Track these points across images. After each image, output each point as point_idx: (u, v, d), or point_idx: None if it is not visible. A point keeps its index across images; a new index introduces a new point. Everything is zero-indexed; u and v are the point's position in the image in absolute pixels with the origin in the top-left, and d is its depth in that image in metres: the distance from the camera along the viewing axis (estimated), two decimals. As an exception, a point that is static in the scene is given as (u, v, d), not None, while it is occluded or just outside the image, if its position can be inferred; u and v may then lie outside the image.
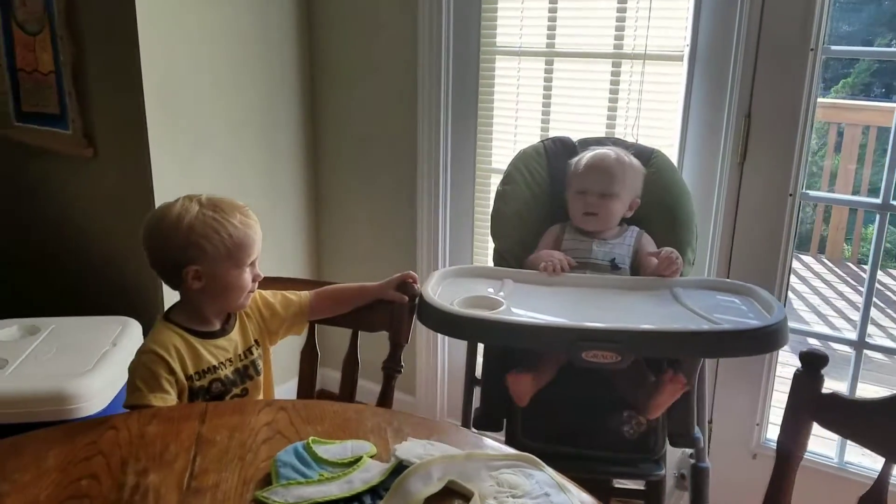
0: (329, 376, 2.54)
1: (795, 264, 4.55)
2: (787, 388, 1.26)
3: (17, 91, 2.59)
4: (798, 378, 1.24)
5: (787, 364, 3.48)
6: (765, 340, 1.42)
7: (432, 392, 2.76)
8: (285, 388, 2.08)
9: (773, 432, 2.22)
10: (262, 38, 2.55)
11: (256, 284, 1.47)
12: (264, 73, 2.58)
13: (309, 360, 1.66)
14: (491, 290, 1.65)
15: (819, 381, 1.22)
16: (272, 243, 2.71)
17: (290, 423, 1.24)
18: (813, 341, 3.25)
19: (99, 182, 2.46)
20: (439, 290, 1.62)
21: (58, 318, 2.29)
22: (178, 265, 1.39)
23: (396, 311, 1.56)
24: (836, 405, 1.21)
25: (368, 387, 1.76)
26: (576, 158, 1.86)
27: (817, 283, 4.44)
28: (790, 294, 4.08)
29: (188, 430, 1.21)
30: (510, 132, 2.44)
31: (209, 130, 2.43)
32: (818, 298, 4.22)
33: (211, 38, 2.39)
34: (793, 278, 4.35)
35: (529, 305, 1.56)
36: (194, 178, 2.40)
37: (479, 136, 2.48)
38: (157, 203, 2.30)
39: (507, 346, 1.62)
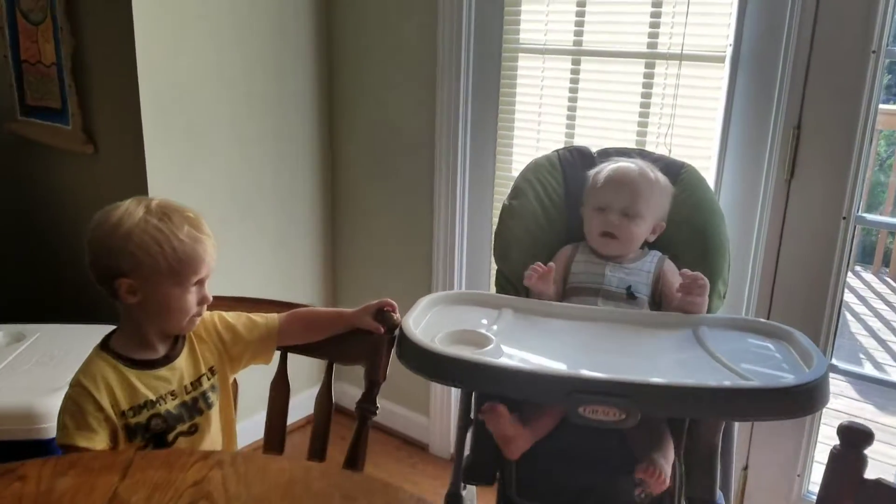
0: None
1: (855, 283, 4.21)
2: (835, 431, 1.02)
3: (22, 84, 2.49)
4: (836, 458, 1.01)
5: (840, 395, 3.20)
6: (797, 402, 1.18)
7: (447, 413, 2.57)
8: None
9: (817, 483, 1.97)
10: (275, 33, 2.39)
11: (204, 308, 1.31)
12: (277, 70, 2.42)
13: (280, 393, 1.48)
14: (485, 321, 1.44)
15: (861, 463, 0.99)
16: (283, 248, 2.58)
17: (221, 482, 1.06)
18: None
19: (99, 181, 2.34)
20: (425, 321, 1.41)
21: (46, 326, 2.18)
22: (111, 275, 1.23)
23: (374, 343, 1.37)
24: (880, 496, 0.98)
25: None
26: (595, 170, 1.64)
27: (878, 304, 4.09)
28: (846, 316, 3.78)
29: (104, 487, 1.04)
30: (532, 138, 2.23)
31: (212, 130, 2.28)
32: (878, 322, 3.88)
33: (217, 30, 2.23)
34: (851, 298, 4.02)
35: (525, 343, 1.35)
36: (194, 180, 2.26)
37: (499, 140, 2.27)
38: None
39: (491, 392, 1.41)
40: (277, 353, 1.44)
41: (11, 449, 1.74)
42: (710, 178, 1.89)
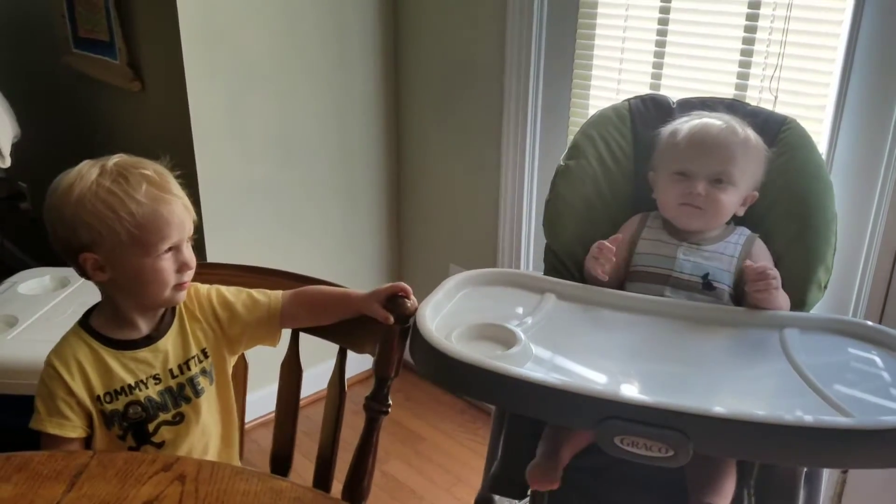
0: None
1: None
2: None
3: (74, 14, 2.38)
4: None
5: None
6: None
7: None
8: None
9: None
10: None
11: (187, 275, 1.13)
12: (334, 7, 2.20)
13: (291, 377, 1.31)
14: (521, 309, 1.22)
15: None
16: (343, 194, 2.40)
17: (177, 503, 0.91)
18: None
19: (146, 120, 2.23)
20: (448, 308, 1.20)
21: (91, 270, 2.11)
22: (73, 250, 1.08)
23: (385, 333, 1.17)
24: None
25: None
26: (669, 126, 1.35)
27: None
28: None
29: (45, 500, 0.91)
30: (613, 78, 1.93)
31: (262, 68, 2.10)
32: None
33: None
34: None
35: (563, 342, 1.12)
36: (243, 122, 2.10)
37: (575, 81, 1.99)
38: (197, 147, 2.06)
39: (506, 409, 1.19)
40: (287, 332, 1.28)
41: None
42: (822, 136, 1.57)
